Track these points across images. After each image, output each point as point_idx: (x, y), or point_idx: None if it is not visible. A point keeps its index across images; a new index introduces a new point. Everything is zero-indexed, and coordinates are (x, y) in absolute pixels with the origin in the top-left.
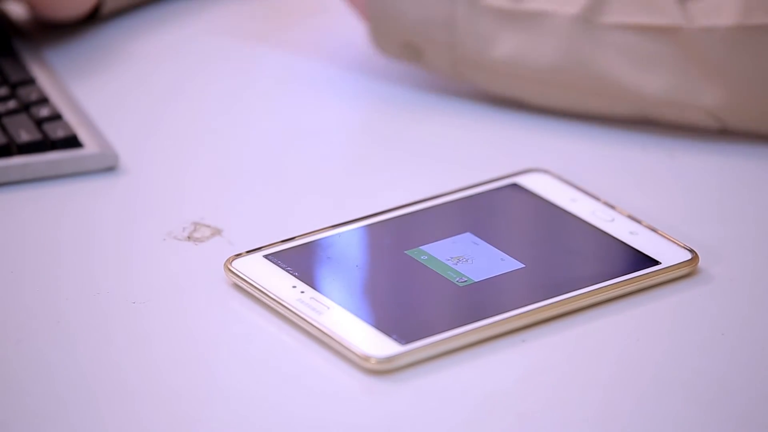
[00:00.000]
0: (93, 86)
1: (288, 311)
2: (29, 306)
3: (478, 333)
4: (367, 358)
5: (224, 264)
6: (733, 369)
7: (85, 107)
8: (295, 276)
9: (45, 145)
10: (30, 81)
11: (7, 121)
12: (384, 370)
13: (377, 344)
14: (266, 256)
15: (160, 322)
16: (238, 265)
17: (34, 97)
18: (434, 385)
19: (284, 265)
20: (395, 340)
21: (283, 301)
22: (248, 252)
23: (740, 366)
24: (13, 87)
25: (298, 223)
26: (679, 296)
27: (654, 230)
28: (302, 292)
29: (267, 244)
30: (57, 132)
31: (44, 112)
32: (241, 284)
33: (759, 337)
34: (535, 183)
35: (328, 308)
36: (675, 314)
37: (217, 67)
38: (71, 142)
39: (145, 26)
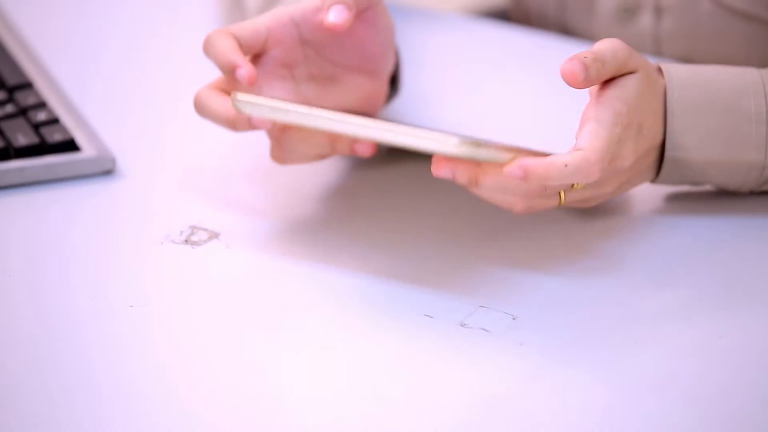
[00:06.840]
0: (90, 90)
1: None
2: (26, 309)
3: None
4: (456, 144)
5: (231, 98)
6: (731, 372)
7: (82, 111)
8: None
9: (42, 148)
10: (27, 85)
11: (5, 125)
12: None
13: (444, 138)
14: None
15: (159, 326)
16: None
17: (31, 101)
18: (434, 386)
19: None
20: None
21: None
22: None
23: (738, 369)
24: (11, 91)
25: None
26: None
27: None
28: None
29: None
30: (54, 136)
31: (42, 115)
32: (265, 112)
33: (756, 340)
34: None
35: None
36: (661, 319)
37: (214, 71)
38: (68, 145)
39: (145, 31)
